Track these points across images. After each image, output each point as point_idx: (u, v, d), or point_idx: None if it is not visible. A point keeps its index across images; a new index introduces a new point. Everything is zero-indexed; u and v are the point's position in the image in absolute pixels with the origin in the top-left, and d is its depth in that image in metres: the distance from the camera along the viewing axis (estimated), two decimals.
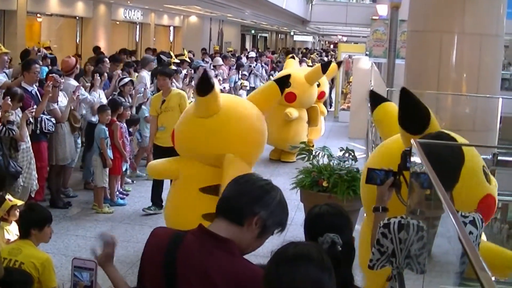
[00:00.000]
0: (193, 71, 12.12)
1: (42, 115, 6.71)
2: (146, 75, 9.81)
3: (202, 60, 15.56)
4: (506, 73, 19.00)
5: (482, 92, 5.93)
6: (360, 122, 13.31)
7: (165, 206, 6.00)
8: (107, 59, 9.71)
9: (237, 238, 2.09)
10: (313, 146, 8.21)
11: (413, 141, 2.50)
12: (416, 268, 2.51)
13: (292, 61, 11.87)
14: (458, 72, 5.91)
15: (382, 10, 14.82)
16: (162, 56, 12.53)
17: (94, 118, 7.90)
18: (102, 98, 8.19)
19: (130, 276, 4.96)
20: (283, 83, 5.85)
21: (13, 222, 4.53)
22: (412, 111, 3.16)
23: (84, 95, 7.86)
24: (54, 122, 6.91)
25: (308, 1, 28.23)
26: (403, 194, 2.95)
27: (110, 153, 7.28)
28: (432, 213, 2.22)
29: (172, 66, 10.76)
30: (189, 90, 10.35)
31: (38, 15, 15.84)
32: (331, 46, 48.43)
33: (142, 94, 9.04)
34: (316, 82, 10.66)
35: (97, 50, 13.59)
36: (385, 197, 2.98)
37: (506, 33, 6.21)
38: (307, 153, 6.77)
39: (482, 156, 3.56)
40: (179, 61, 12.30)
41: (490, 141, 6.05)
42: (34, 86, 6.96)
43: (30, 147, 6.39)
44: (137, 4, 19.48)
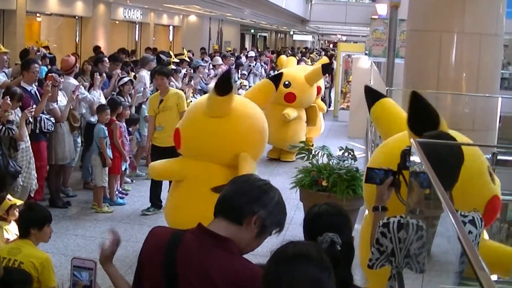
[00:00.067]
0: (192, 71, 12.12)
1: (41, 115, 6.71)
2: (145, 75, 9.80)
3: (202, 59, 15.55)
4: (505, 72, 19.01)
5: (482, 91, 5.93)
6: (359, 122, 13.31)
7: (167, 207, 5.86)
8: (107, 59, 9.71)
9: (236, 237, 2.09)
10: (312, 145, 8.20)
11: (412, 140, 2.50)
12: (415, 267, 2.51)
13: (292, 59, 11.86)
14: (457, 71, 5.91)
15: (382, 9, 14.81)
16: (162, 55, 12.52)
17: (93, 118, 7.89)
18: (100, 98, 8.19)
19: (129, 275, 4.91)
20: (277, 80, 6.26)
21: (12, 221, 4.53)
22: (421, 114, 3.12)
23: (84, 94, 7.85)
24: (54, 121, 6.91)
25: (307, 0, 28.23)
26: (403, 193, 2.95)
27: (109, 152, 7.28)
28: (431, 212, 2.22)
29: (171, 65, 10.77)
30: (188, 89, 10.35)
31: (38, 15, 15.82)
32: (331, 46, 48.43)
33: (141, 94, 9.03)
34: (315, 83, 10.66)
35: (97, 49, 13.58)
36: (384, 196, 2.98)
37: (506, 32, 6.20)
38: (307, 152, 6.78)
39: None
40: (179, 60, 12.31)
41: (490, 140, 6.04)
42: (33, 85, 6.96)
43: (30, 147, 6.39)
44: (136, 3, 19.46)
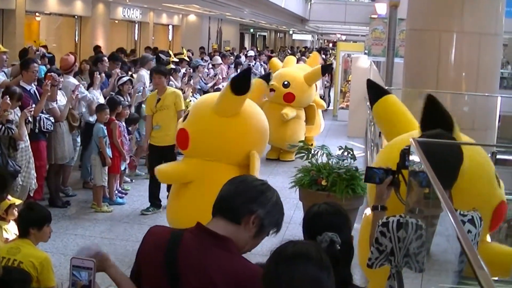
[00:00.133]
0: (191, 70, 12.11)
1: (40, 114, 6.71)
2: (145, 74, 9.79)
3: (201, 59, 15.54)
4: (504, 71, 19.02)
5: (481, 90, 5.93)
6: (359, 121, 13.31)
7: (172, 208, 5.73)
8: (106, 58, 9.70)
9: (234, 236, 2.10)
10: (311, 144, 8.20)
11: (411, 139, 2.50)
12: (414, 266, 2.51)
13: (292, 58, 11.88)
14: (457, 70, 5.91)
15: (381, 8, 14.81)
16: (161, 55, 12.52)
17: (92, 118, 7.89)
18: (99, 97, 8.18)
19: (129, 275, 4.94)
20: (266, 78, 6.78)
21: (11, 221, 4.52)
22: (436, 118, 3.08)
23: (83, 93, 7.85)
24: (53, 121, 6.90)
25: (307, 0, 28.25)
26: (402, 192, 2.94)
27: (109, 152, 7.28)
28: (430, 211, 2.22)
29: (171, 65, 10.77)
30: (187, 89, 10.35)
31: (37, 14, 15.82)
32: (330, 45, 48.44)
33: (141, 93, 9.03)
34: (314, 83, 10.68)
35: (97, 49, 13.55)
36: (384, 195, 2.98)
37: (505, 31, 6.21)
38: (306, 152, 6.78)
39: None
40: (178, 60, 12.31)
41: (489, 139, 6.04)
42: (32, 85, 6.95)
43: (29, 146, 6.38)
44: (136, 3, 19.45)
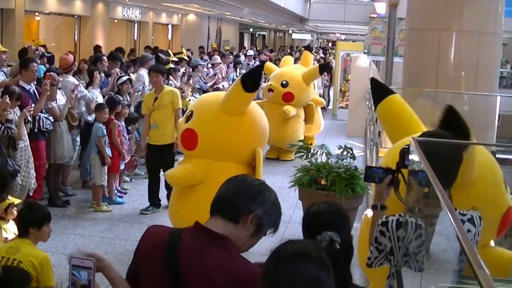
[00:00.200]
0: (191, 70, 12.11)
1: (40, 114, 6.70)
2: (144, 74, 9.79)
3: (201, 58, 15.54)
4: (503, 71, 19.04)
5: (481, 90, 5.93)
6: (358, 120, 13.32)
7: (177, 209, 5.67)
8: (105, 58, 9.70)
9: (233, 235, 2.11)
10: (311, 144, 8.20)
11: (411, 139, 2.50)
12: (414, 266, 2.51)
13: (289, 58, 11.90)
14: (456, 70, 5.91)
15: (380, 8, 14.81)
16: (161, 54, 12.51)
17: (90, 117, 7.89)
18: (98, 97, 8.18)
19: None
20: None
21: (10, 220, 4.52)
22: (455, 130, 3.08)
23: (83, 92, 7.84)
24: (52, 120, 6.90)
25: None
26: (402, 192, 2.94)
27: (108, 151, 7.27)
28: (430, 211, 2.22)
29: (170, 64, 10.76)
30: (187, 88, 10.35)
31: (36, 14, 15.81)
32: (330, 44, 48.44)
33: (140, 92, 9.02)
34: (312, 82, 10.69)
35: (97, 49, 13.47)
36: (383, 195, 2.98)
37: (504, 31, 6.21)
38: (305, 151, 6.78)
39: None
40: (177, 59, 12.30)
41: (489, 139, 6.04)
42: (32, 84, 6.95)
43: (28, 146, 6.38)
44: (135, 2, 19.44)
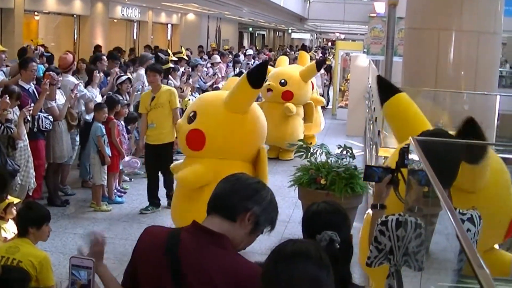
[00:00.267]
0: (190, 69, 12.11)
1: (39, 113, 6.69)
2: (144, 73, 9.78)
3: (201, 58, 15.54)
4: (502, 70, 19.05)
5: (480, 89, 5.92)
6: (358, 120, 13.31)
7: (182, 210, 5.62)
8: (105, 57, 9.70)
9: (230, 234, 2.11)
10: (311, 143, 8.19)
11: (411, 138, 2.50)
12: (413, 265, 2.51)
13: (284, 58, 11.93)
14: (455, 69, 5.90)
15: (380, 7, 14.81)
16: (160, 53, 12.51)
17: (88, 116, 7.88)
18: (97, 96, 8.17)
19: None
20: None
21: (10, 220, 4.52)
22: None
23: (82, 92, 7.84)
24: (52, 120, 6.90)
25: None
26: (401, 191, 2.94)
27: (108, 150, 7.27)
28: (429, 210, 2.22)
29: (169, 64, 10.76)
30: (186, 88, 10.34)
31: (36, 13, 15.81)
32: (329, 44, 48.44)
33: (140, 92, 9.02)
34: (310, 79, 10.71)
35: (97, 49, 13.40)
36: (383, 194, 2.98)
37: (504, 30, 6.20)
38: (305, 150, 6.78)
39: None
40: (177, 59, 12.30)
41: (488, 138, 6.03)
42: (31, 84, 6.95)
43: (28, 145, 6.37)
44: (134, 2, 19.44)
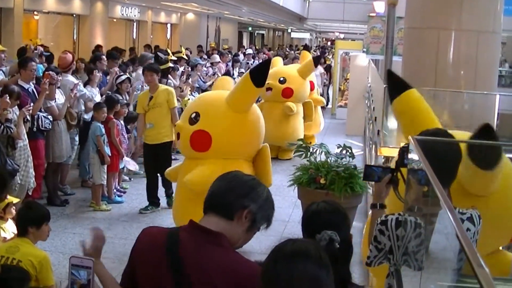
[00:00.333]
0: (190, 69, 12.10)
1: (39, 113, 6.69)
2: None
3: (200, 57, 15.53)
4: (501, 69, 19.05)
5: (480, 89, 5.92)
6: (357, 119, 13.32)
7: (188, 213, 5.67)
8: (104, 57, 9.69)
9: (227, 232, 2.11)
10: (310, 142, 8.18)
11: (410, 137, 2.50)
12: (413, 264, 2.51)
13: (278, 59, 11.98)
14: (455, 69, 5.90)
15: (379, 7, 14.80)
16: (159, 53, 12.50)
17: (87, 116, 7.88)
18: (96, 96, 8.17)
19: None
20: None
21: (9, 219, 4.52)
22: (489, 148, 2.99)
23: (82, 91, 7.84)
24: (51, 119, 6.89)
25: None
26: (401, 191, 2.95)
27: (107, 150, 7.27)
28: (429, 209, 2.22)
29: (169, 63, 10.76)
30: (186, 87, 10.34)
31: (35, 13, 15.81)
32: (329, 43, 48.43)
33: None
34: (308, 75, 10.74)
35: (98, 49, 13.25)
36: (382, 194, 2.98)
37: (503, 30, 6.20)
38: (304, 150, 6.78)
39: None
40: (176, 58, 12.29)
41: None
42: (30, 83, 6.95)
43: (28, 145, 6.37)
44: (134, 1, 19.44)
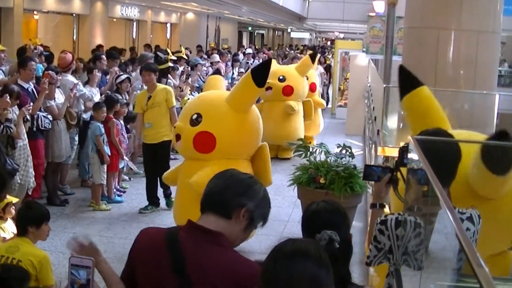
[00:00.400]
0: (190, 68, 12.10)
1: (38, 113, 6.69)
2: None
3: (200, 57, 15.53)
4: (501, 69, 19.06)
5: (479, 88, 5.92)
6: (357, 119, 13.32)
7: (186, 211, 5.64)
8: (104, 56, 9.69)
9: (226, 231, 2.11)
10: (310, 142, 8.19)
11: (410, 137, 2.50)
12: (413, 264, 2.51)
13: (272, 60, 12.01)
14: (455, 68, 5.90)
15: (379, 6, 14.81)
16: (159, 53, 12.49)
17: (86, 115, 7.88)
18: (95, 95, 8.16)
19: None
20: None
21: (9, 219, 4.51)
22: (502, 153, 2.97)
23: (82, 91, 7.83)
24: (51, 119, 6.89)
25: None
26: (401, 190, 2.95)
27: (107, 150, 7.27)
28: (429, 209, 2.22)
29: (169, 63, 10.76)
30: (186, 87, 10.33)
31: (35, 12, 15.81)
32: (328, 43, 48.44)
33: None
34: (306, 72, 10.80)
35: (98, 49, 13.19)
36: (382, 193, 2.98)
37: (503, 29, 6.20)
38: (304, 150, 6.78)
39: None
40: (176, 58, 12.28)
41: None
42: (30, 83, 6.95)
43: (27, 145, 6.37)
44: (134, 1, 19.44)
